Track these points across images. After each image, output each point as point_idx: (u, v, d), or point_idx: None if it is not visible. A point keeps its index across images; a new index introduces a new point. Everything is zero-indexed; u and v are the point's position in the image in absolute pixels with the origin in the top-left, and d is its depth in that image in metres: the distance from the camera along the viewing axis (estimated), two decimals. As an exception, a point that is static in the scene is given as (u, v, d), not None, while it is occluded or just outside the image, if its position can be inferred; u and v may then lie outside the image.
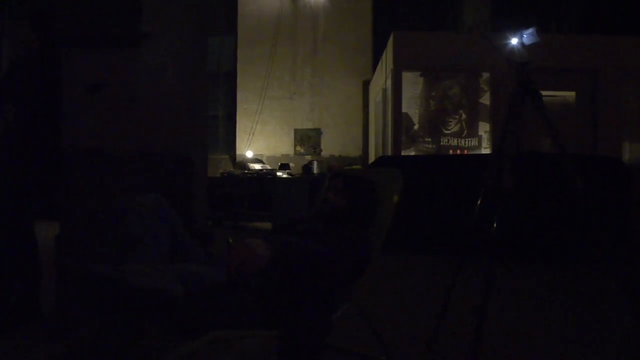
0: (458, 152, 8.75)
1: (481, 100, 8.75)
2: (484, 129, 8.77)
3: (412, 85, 8.57)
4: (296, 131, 13.80)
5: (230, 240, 1.86)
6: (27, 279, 3.21)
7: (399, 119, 8.21)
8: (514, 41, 2.50)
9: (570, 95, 8.72)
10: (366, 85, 13.59)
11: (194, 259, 1.94)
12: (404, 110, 8.51)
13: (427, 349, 2.68)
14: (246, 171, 9.91)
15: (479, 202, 2.50)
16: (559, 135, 2.40)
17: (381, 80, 9.93)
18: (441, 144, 8.67)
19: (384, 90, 9.47)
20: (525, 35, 2.46)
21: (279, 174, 9.77)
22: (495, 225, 2.10)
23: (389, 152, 8.81)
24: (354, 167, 12.51)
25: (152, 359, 1.57)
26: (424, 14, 14.11)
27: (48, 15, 3.24)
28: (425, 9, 14.22)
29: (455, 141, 8.69)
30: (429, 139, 8.68)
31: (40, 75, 3.15)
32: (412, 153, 8.50)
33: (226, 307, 1.70)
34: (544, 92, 7.31)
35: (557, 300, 3.85)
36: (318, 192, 2.91)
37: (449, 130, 8.71)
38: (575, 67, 8.50)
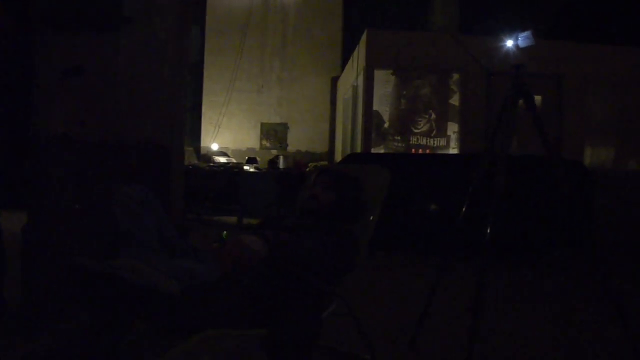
0: (420, 151, 8.81)
1: (451, 101, 8.85)
2: (452, 129, 8.87)
3: (384, 84, 8.60)
4: (263, 125, 13.70)
5: (224, 235, 1.79)
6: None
7: (370, 117, 8.22)
8: (509, 43, 2.50)
9: (536, 99, 8.88)
10: (335, 81, 13.59)
11: (180, 254, 1.86)
12: (374, 108, 8.53)
13: (409, 349, 2.67)
14: (211, 164, 9.74)
15: (465, 202, 2.49)
16: (549, 137, 2.41)
17: (351, 77, 9.92)
18: (410, 142, 8.73)
19: (355, 87, 9.47)
20: (520, 38, 2.47)
21: (246, 167, 9.66)
22: (489, 227, 2.10)
23: (358, 149, 8.81)
24: (321, 163, 12.50)
25: (143, 359, 1.50)
26: (394, 12, 14.20)
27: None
28: (395, 8, 14.31)
29: (424, 140, 8.76)
30: (399, 137, 8.73)
31: (12, 58, 3.00)
32: (382, 151, 8.53)
33: (219, 305, 1.64)
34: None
35: (543, 301, 3.90)
36: (301, 187, 2.86)
37: (418, 129, 8.78)
38: (541, 72, 8.67)
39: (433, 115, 8.80)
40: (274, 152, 13.25)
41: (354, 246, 2.19)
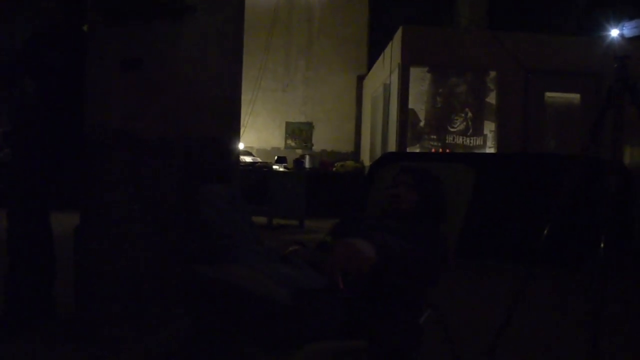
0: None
1: (487, 99, 8.60)
2: (489, 128, 8.63)
3: (419, 81, 8.38)
4: (288, 124, 13.54)
5: (328, 240, 1.63)
6: (41, 273, 2.93)
7: (405, 115, 8.02)
8: (614, 33, 2.29)
9: (575, 97, 8.63)
10: (360, 79, 13.39)
11: (270, 258, 1.70)
12: (409, 106, 8.31)
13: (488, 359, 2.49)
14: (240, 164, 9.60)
15: (557, 206, 2.30)
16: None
17: (382, 75, 9.73)
18: (446, 141, 8.50)
19: (387, 85, 9.27)
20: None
21: (275, 167, 9.51)
22: (603, 234, 1.89)
23: (390, 149, 8.62)
24: (348, 162, 12.32)
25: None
26: (420, 10, 13.95)
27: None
28: (421, 5, 14.07)
29: (461, 139, 8.53)
30: (435, 136, 8.51)
31: (64, 49, 2.87)
32: (417, 150, 8.31)
33: (322, 315, 1.48)
34: (549, 94, 7.16)
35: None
36: (371, 187, 2.69)
37: (454, 128, 8.55)
38: (579, 70, 8.41)
39: (469, 114, 8.57)
40: (299, 151, 13.10)
41: (445, 250, 2.03)
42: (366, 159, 11.84)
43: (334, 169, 11.91)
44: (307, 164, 11.94)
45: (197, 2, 2.53)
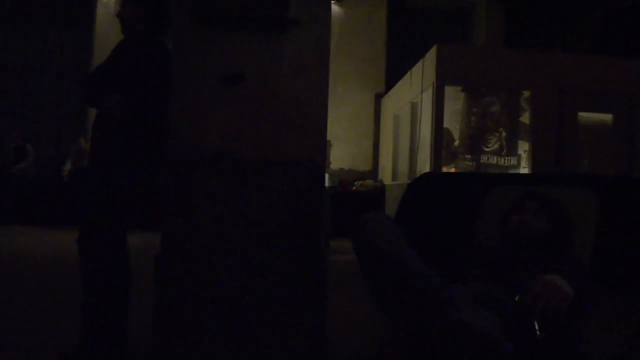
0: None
1: (521, 119, 8.49)
2: (523, 148, 8.51)
3: (452, 100, 8.26)
4: (305, 142, 13.39)
5: (518, 278, 1.47)
6: (114, 304, 2.73)
7: (440, 135, 7.87)
8: None
9: (607, 117, 8.53)
10: (378, 98, 13.29)
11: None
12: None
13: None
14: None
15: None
16: None
17: (408, 93, 9.62)
18: (481, 161, 8.36)
19: (415, 104, 9.15)
20: None
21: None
22: None
23: (420, 168, 8.48)
24: (367, 181, 12.17)
25: None
26: (438, 29, 13.96)
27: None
28: (439, 24, 14.09)
29: (495, 159, 8.39)
30: (469, 156, 8.37)
31: (148, 62, 2.72)
32: (452, 170, 8.17)
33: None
34: (582, 114, 7.01)
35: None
36: (478, 213, 2.53)
37: (488, 147, 8.41)
38: (612, 90, 8.33)
39: (504, 134, 8.45)
40: (317, 170, 12.93)
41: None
42: (386, 178, 11.68)
43: (353, 187, 11.75)
44: (326, 183, 11.77)
45: (300, 15, 2.39)
